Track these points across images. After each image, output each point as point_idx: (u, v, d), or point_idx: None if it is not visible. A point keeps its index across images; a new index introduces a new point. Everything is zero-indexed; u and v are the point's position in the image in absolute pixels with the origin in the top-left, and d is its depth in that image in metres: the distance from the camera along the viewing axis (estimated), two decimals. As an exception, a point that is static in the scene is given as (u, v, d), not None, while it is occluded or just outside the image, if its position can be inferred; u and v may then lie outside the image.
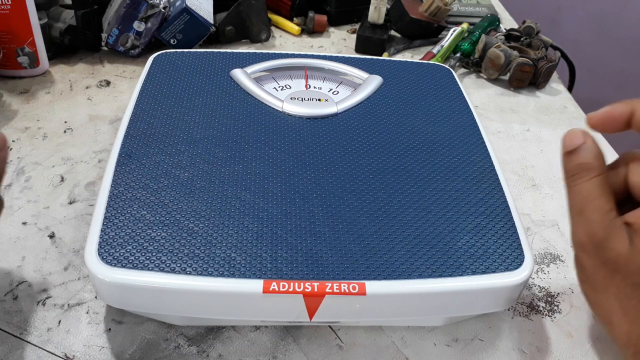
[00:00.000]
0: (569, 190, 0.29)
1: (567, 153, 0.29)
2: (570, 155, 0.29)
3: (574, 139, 0.29)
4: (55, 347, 0.30)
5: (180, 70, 0.42)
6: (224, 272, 0.28)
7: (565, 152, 0.29)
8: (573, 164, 0.29)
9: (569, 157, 0.29)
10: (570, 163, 0.29)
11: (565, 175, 0.29)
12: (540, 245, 0.40)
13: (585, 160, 0.29)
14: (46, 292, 0.33)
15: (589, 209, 0.28)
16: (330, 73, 0.46)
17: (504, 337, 0.33)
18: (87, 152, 0.45)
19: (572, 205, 0.29)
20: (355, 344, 0.32)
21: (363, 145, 0.37)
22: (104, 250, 0.28)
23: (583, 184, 0.28)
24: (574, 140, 0.29)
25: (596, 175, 0.28)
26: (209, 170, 0.34)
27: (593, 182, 0.28)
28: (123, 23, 0.56)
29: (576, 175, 0.29)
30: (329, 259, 0.29)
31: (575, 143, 0.29)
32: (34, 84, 0.53)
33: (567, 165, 0.29)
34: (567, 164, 0.29)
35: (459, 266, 0.29)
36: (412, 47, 0.68)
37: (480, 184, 0.35)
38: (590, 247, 0.28)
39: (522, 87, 0.60)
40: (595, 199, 0.28)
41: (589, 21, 1.34)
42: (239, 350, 0.31)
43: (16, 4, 0.50)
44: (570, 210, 0.29)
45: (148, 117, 0.37)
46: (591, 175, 0.28)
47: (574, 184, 0.29)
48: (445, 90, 0.44)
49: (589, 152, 0.29)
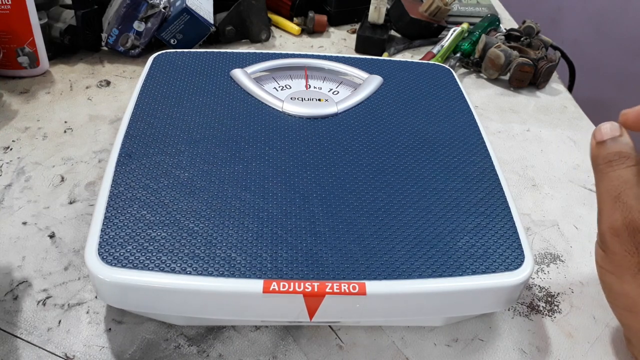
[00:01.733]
0: (604, 176, 0.29)
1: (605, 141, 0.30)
2: (603, 145, 0.30)
3: (612, 131, 0.30)
4: (56, 347, 0.30)
5: (180, 70, 0.42)
6: (224, 272, 0.28)
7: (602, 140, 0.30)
8: (611, 150, 0.29)
9: (608, 144, 0.30)
10: (608, 150, 0.29)
11: (600, 161, 0.30)
12: (540, 245, 0.40)
13: (625, 149, 0.29)
14: (46, 292, 0.33)
15: (628, 195, 0.28)
16: (330, 73, 0.46)
17: (504, 337, 0.33)
18: (87, 152, 0.45)
19: (606, 190, 0.29)
20: (355, 344, 0.32)
21: (363, 145, 0.37)
22: (104, 250, 0.28)
23: (622, 170, 0.29)
24: (613, 131, 0.30)
25: (634, 165, 0.29)
26: (209, 170, 0.34)
27: (632, 170, 0.29)
28: (123, 23, 0.56)
29: (615, 161, 0.29)
30: (329, 259, 0.29)
31: (614, 134, 0.30)
32: (34, 84, 0.53)
33: (604, 152, 0.30)
34: (603, 150, 0.30)
35: (459, 266, 0.29)
36: (412, 47, 0.68)
37: (480, 184, 0.35)
38: (626, 233, 0.28)
39: (522, 87, 0.60)
40: (634, 186, 0.28)
41: (589, 21, 1.34)
42: (239, 350, 0.31)
43: (16, 4, 0.50)
44: (604, 196, 0.29)
45: (148, 117, 0.37)
46: (630, 163, 0.29)
47: (612, 170, 0.29)
48: (445, 90, 0.44)
49: (628, 142, 0.30)
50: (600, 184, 0.30)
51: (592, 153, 0.31)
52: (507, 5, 0.83)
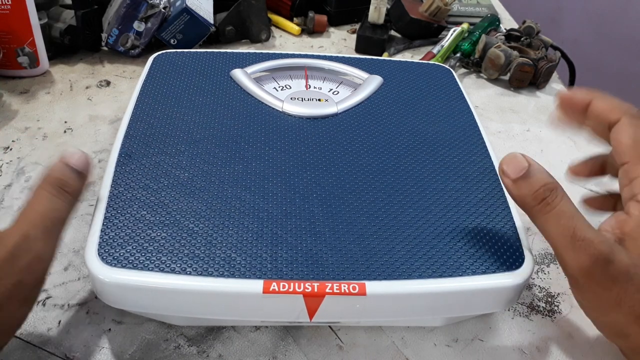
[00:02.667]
0: (546, 217, 0.26)
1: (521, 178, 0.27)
2: (525, 179, 0.27)
3: (520, 162, 0.27)
4: (55, 347, 0.30)
5: (180, 70, 0.42)
6: (224, 273, 0.28)
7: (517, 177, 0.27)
8: (537, 185, 0.26)
9: (525, 182, 0.27)
10: (533, 186, 0.26)
11: (530, 201, 0.27)
12: (540, 245, 0.40)
13: (547, 179, 0.27)
14: (46, 292, 0.33)
15: (582, 229, 0.25)
16: (330, 73, 0.46)
17: (504, 337, 0.33)
18: (87, 152, 0.45)
19: (557, 232, 0.26)
20: (355, 344, 0.32)
21: (363, 145, 0.37)
22: (104, 251, 0.28)
23: (561, 206, 0.26)
24: (521, 163, 0.27)
25: (564, 193, 0.26)
26: (209, 170, 0.34)
27: (567, 200, 0.26)
28: (123, 23, 0.56)
29: (547, 198, 0.26)
30: (329, 259, 0.29)
31: (523, 166, 0.27)
32: (34, 84, 0.53)
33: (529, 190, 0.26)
34: (526, 188, 0.27)
35: (459, 266, 0.29)
36: (412, 47, 0.68)
37: (480, 184, 0.35)
38: (597, 269, 0.25)
39: (522, 87, 0.60)
40: (580, 217, 0.26)
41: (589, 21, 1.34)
42: (239, 351, 0.31)
43: (16, 4, 0.50)
44: (557, 239, 0.26)
45: (148, 117, 0.37)
46: (562, 192, 0.26)
47: (551, 209, 0.26)
48: (446, 90, 0.44)
49: (543, 172, 0.27)
50: (546, 226, 0.27)
51: (512, 193, 0.27)
52: (507, 5, 0.83)
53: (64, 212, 0.28)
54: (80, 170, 0.29)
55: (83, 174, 0.29)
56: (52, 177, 0.28)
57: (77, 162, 0.29)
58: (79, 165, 0.29)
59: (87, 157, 0.30)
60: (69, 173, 0.28)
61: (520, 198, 0.27)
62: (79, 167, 0.29)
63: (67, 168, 0.28)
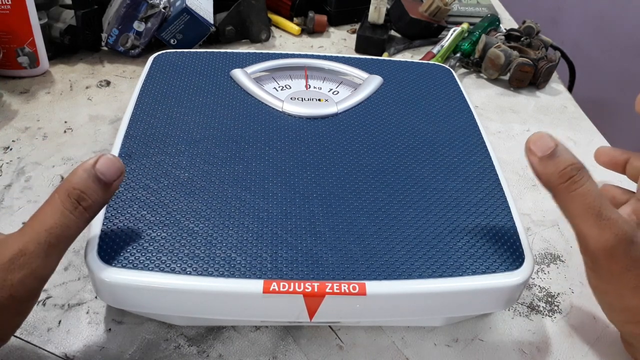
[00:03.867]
0: (572, 195, 0.26)
1: (547, 157, 0.27)
2: (552, 158, 0.26)
3: (547, 141, 0.27)
4: (56, 347, 0.30)
5: (180, 70, 0.42)
6: (224, 272, 0.28)
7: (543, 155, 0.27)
8: (565, 164, 0.26)
9: (551, 160, 0.27)
10: (561, 164, 0.26)
11: (557, 179, 0.27)
12: (540, 245, 0.40)
13: (573, 159, 0.27)
14: (46, 292, 0.33)
15: (607, 209, 0.26)
16: (330, 73, 0.46)
17: (504, 337, 0.33)
18: (87, 152, 0.45)
19: (582, 210, 0.26)
20: (355, 344, 0.32)
21: (363, 145, 0.37)
22: (104, 250, 0.28)
23: (587, 185, 0.26)
24: (548, 143, 0.27)
25: (590, 174, 0.27)
26: (209, 170, 0.34)
27: (592, 181, 0.26)
28: (123, 23, 0.56)
29: (575, 177, 0.26)
30: (329, 259, 0.29)
31: (550, 145, 0.27)
32: (34, 84, 0.53)
33: (556, 168, 0.26)
34: (553, 166, 0.27)
35: (459, 266, 0.29)
36: (412, 47, 0.68)
37: (480, 184, 0.35)
38: (620, 249, 0.25)
39: (522, 87, 0.60)
40: (604, 198, 0.26)
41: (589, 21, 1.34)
42: (239, 351, 0.31)
43: (16, 4, 0.50)
44: (582, 217, 0.26)
45: (148, 117, 0.37)
46: (588, 173, 0.27)
47: (578, 187, 0.26)
48: (445, 90, 0.44)
49: (569, 152, 0.27)
50: (571, 204, 0.26)
51: (538, 171, 0.27)
52: (507, 5, 0.83)
53: (73, 230, 0.25)
54: (106, 180, 0.25)
55: (108, 184, 0.25)
56: (70, 187, 0.25)
57: (105, 169, 0.25)
58: (107, 174, 0.25)
59: (118, 162, 0.26)
60: (90, 184, 0.25)
61: (546, 176, 0.27)
62: (106, 176, 0.25)
63: (89, 178, 0.25)
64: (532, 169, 0.28)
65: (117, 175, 0.26)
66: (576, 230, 0.27)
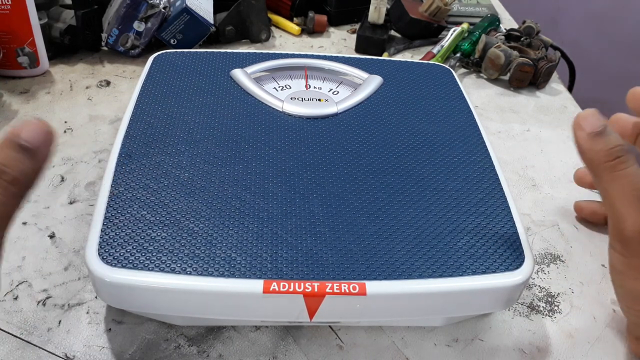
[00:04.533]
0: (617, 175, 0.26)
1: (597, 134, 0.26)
2: (602, 136, 0.26)
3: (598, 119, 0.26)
4: (56, 347, 0.30)
5: (180, 70, 0.42)
6: (224, 272, 0.28)
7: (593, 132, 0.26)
8: (614, 144, 0.26)
9: (601, 138, 0.26)
10: (610, 144, 0.26)
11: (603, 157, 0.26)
12: (540, 245, 0.40)
13: (622, 142, 0.26)
14: (46, 292, 0.33)
15: None
16: (330, 73, 0.46)
17: (504, 337, 0.33)
18: (87, 152, 0.45)
19: (624, 191, 0.26)
20: (355, 344, 0.32)
21: (363, 145, 0.37)
22: (104, 250, 0.28)
23: (633, 168, 0.26)
24: (599, 120, 0.26)
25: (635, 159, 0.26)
26: (209, 170, 0.34)
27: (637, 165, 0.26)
28: (123, 23, 0.56)
29: (622, 157, 0.26)
30: (329, 259, 0.29)
31: (601, 123, 0.26)
32: (34, 84, 0.53)
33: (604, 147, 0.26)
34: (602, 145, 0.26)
35: (459, 266, 0.29)
36: (412, 47, 0.68)
37: (480, 184, 0.35)
38: None
39: (522, 87, 0.60)
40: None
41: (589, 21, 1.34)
42: (239, 351, 0.31)
43: (16, 4, 0.50)
44: (622, 198, 0.26)
45: (148, 117, 0.37)
46: (633, 157, 0.26)
47: (624, 167, 0.26)
48: (445, 90, 0.44)
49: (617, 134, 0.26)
50: (613, 184, 0.26)
51: (585, 147, 0.26)
52: (507, 5, 0.83)
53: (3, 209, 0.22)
54: (31, 147, 0.21)
55: (35, 152, 0.22)
56: None
57: (27, 135, 0.21)
58: (30, 140, 0.21)
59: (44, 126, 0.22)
60: (11, 154, 0.21)
61: (592, 153, 0.26)
62: (31, 142, 0.21)
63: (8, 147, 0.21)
64: (576, 146, 0.27)
65: (43, 139, 0.22)
66: (613, 211, 0.27)
